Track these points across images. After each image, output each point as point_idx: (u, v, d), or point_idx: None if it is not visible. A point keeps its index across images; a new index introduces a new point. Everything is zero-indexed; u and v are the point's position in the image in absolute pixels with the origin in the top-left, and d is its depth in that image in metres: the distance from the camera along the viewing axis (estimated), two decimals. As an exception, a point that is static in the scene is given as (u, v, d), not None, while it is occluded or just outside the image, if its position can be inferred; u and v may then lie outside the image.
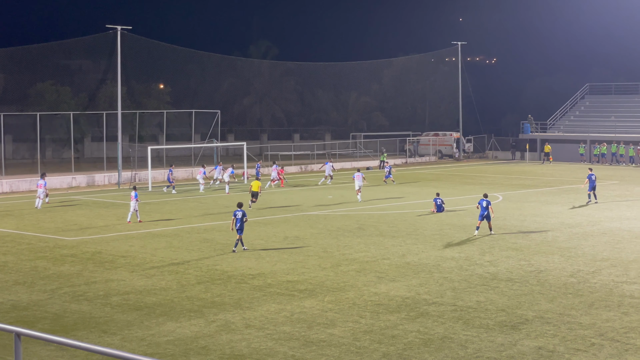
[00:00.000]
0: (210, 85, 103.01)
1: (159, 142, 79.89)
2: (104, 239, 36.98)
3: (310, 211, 45.79)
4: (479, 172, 75.26)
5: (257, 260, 31.23)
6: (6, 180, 60.95)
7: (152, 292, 26.28)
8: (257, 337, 20.97)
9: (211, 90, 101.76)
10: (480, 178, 67.91)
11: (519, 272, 28.63)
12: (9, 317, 23.20)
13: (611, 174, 69.76)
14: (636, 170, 75.15)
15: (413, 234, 37.19)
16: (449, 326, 21.81)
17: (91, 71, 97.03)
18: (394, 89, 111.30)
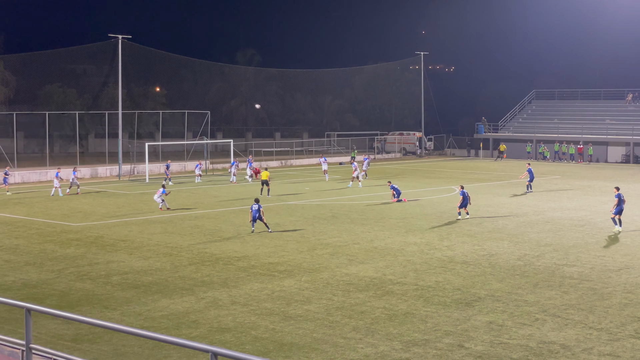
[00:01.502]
0: (201, 88, 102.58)
1: (156, 139, 79.49)
2: (106, 224, 36.78)
3: (288, 201, 45.74)
4: (439, 167, 75.45)
5: (242, 244, 31.17)
6: (18, 172, 60.46)
7: (149, 272, 26.17)
8: (241, 313, 20.94)
9: (202, 93, 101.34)
10: (439, 173, 68.08)
11: (473, 256, 28.75)
12: (20, 294, 23.04)
13: (554, 170, 70.15)
14: (576, 167, 75.59)
15: (380, 222, 37.24)
16: (411, 303, 21.87)
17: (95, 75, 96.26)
18: (364, 93, 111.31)
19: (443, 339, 18.55)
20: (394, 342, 18.27)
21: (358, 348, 17.88)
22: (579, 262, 27.78)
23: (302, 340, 18.49)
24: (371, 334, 18.91)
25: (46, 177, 61.11)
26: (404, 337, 18.69)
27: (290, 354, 17.48)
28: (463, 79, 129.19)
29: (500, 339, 18.53)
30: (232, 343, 18.23)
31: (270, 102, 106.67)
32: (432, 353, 17.50)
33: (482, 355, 17.33)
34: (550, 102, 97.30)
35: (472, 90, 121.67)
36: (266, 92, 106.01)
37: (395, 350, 17.74)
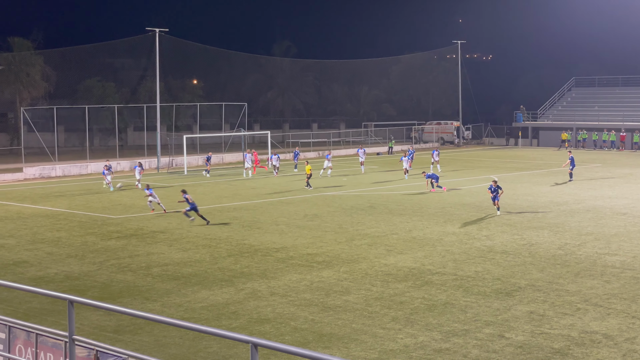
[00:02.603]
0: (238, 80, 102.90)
1: (193, 131, 79.94)
2: (145, 217, 37.09)
3: (326, 192, 45.74)
4: (477, 156, 74.94)
5: (281, 236, 31.25)
6: (59, 166, 61.21)
7: (188, 263, 26.34)
8: (280, 303, 21.00)
9: (239, 85, 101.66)
10: (477, 162, 67.63)
11: (512, 246, 28.53)
12: (63, 286, 23.33)
13: (595, 158, 69.31)
14: (618, 155, 74.62)
15: (418, 212, 37.10)
16: (451, 293, 21.78)
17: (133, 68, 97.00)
18: (400, 83, 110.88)
19: (483, 329, 18.44)
20: (433, 333, 18.21)
21: (397, 338, 17.85)
22: (621, 251, 27.43)
23: (341, 331, 18.50)
24: (410, 325, 18.86)
25: (86, 170, 61.80)
26: (443, 327, 18.62)
27: (330, 345, 17.50)
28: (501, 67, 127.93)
29: (541, 329, 18.37)
30: (271, 334, 18.30)
31: (306, 93, 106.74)
32: (472, 343, 17.41)
33: (523, 346, 17.20)
34: (591, 90, 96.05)
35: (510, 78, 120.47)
36: (303, 83, 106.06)
37: (435, 340, 17.67)
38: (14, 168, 59.93)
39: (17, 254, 28.59)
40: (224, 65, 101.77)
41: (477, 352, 16.82)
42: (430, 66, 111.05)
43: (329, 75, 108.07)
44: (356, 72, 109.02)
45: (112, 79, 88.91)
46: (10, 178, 57.14)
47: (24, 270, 25.87)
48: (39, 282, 23.61)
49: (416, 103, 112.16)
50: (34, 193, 47.71)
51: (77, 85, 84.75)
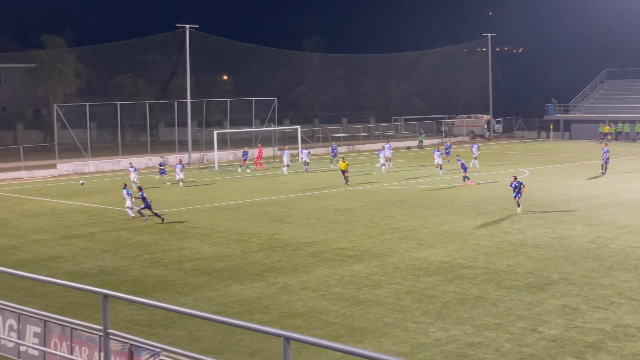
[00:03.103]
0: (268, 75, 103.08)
1: (224, 127, 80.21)
2: (177, 212, 37.30)
3: (357, 186, 45.70)
4: (508, 150, 74.44)
5: (312, 230, 31.29)
6: (92, 162, 61.75)
7: (220, 258, 26.47)
8: (312, 298, 21.03)
9: (269, 80, 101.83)
10: (509, 155, 67.18)
11: (544, 239, 28.32)
12: (97, 280, 23.55)
13: (628, 150, 68.57)
14: (650, 147, 73.74)
15: (449, 206, 36.95)
16: (482, 287, 21.67)
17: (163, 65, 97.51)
18: (430, 76, 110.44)
19: (516, 323, 18.34)
20: (465, 327, 18.14)
21: (429, 332, 17.80)
22: (655, 244, 27.12)
23: (372, 325, 18.49)
24: (442, 319, 18.81)
25: (119, 166, 62.25)
26: (475, 321, 18.54)
27: (361, 339, 17.50)
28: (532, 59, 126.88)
29: (574, 323, 18.23)
30: (303, 328, 18.34)
31: (336, 87, 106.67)
32: (504, 337, 17.32)
33: (556, 339, 17.08)
34: (623, 82, 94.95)
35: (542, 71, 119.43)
36: (332, 78, 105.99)
37: (467, 334, 17.61)
38: (48, 164, 60.55)
39: (51, 249, 28.91)
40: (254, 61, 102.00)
41: (509, 346, 16.74)
42: (461, 59, 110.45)
43: (358, 70, 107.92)
44: (386, 66, 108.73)
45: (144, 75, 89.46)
46: (45, 174, 57.75)
47: (59, 265, 26.15)
48: (74, 277, 23.85)
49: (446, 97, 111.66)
50: (68, 189, 48.18)
51: (109, 82, 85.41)
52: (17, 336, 15.53)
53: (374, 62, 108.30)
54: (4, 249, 29.07)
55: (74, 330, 14.80)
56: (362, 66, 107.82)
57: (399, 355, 16.12)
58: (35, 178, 55.86)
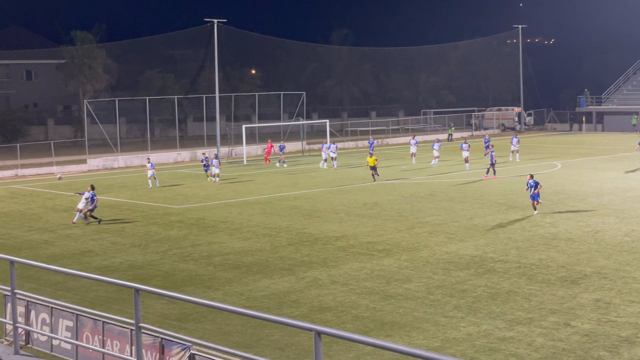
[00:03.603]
0: (296, 69, 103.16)
1: (252, 121, 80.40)
2: (206, 206, 37.47)
3: (386, 180, 45.61)
4: (539, 142, 73.88)
5: (341, 224, 31.28)
6: (121, 157, 62.20)
7: (249, 252, 26.55)
8: (341, 292, 21.04)
9: (297, 74, 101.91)
10: (540, 148, 66.68)
11: (577, 232, 28.09)
12: (127, 274, 23.73)
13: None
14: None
15: (480, 199, 36.77)
16: (514, 281, 21.55)
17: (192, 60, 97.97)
18: (460, 69, 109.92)
19: (548, 317, 18.22)
20: (497, 321, 18.05)
21: (460, 327, 17.74)
22: (690, 237, 26.80)
23: (403, 319, 18.46)
24: (473, 313, 18.73)
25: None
26: (507, 315, 18.44)
27: (392, 333, 17.48)
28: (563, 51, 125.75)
29: (607, 317, 18.08)
30: (333, 322, 18.35)
31: (365, 81, 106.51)
32: (537, 332, 17.21)
33: (589, 334, 16.95)
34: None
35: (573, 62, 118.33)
36: (361, 71, 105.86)
37: (498, 329, 17.52)
38: (79, 159, 61.09)
39: (82, 243, 29.17)
40: (282, 55, 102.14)
41: (542, 341, 16.63)
42: (490, 52, 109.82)
43: (387, 63, 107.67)
44: (414, 59, 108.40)
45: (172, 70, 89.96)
46: (75, 169, 58.28)
47: (90, 259, 26.38)
48: (104, 271, 24.06)
49: (476, 89, 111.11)
50: (98, 184, 48.44)
51: (137, 77, 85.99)
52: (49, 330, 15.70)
53: (403, 55, 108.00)
54: (36, 244, 29.40)
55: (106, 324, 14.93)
56: (391, 59, 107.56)
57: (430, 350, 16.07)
58: (66, 173, 56.37)
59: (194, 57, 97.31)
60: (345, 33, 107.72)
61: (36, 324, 16.20)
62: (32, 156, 60.09)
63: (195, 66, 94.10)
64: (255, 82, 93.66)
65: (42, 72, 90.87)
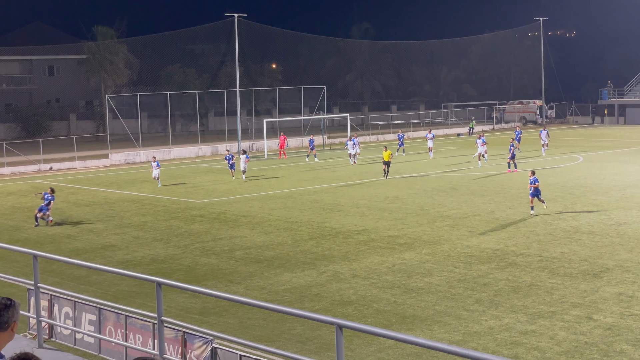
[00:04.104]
0: (317, 63, 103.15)
1: (273, 115, 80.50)
2: (227, 201, 37.57)
3: (407, 174, 45.53)
4: (561, 135, 73.42)
5: (362, 218, 31.27)
6: (143, 152, 62.45)
7: (270, 246, 26.60)
8: (363, 286, 21.04)
9: (317, 68, 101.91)
10: (562, 141, 66.26)
11: (599, 226, 27.92)
12: (150, 269, 23.84)
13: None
14: None
15: (501, 193, 36.63)
16: (536, 275, 21.46)
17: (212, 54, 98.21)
18: (481, 62, 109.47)
19: (570, 310, 18.13)
20: (518, 315, 17.98)
21: (482, 320, 17.69)
22: None
23: (424, 313, 18.44)
24: (495, 306, 18.67)
25: (169, 155, 62.91)
26: (529, 309, 18.37)
27: (413, 327, 17.46)
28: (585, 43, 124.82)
29: (630, 311, 17.96)
30: (354, 316, 18.35)
31: (385, 75, 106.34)
32: (559, 325, 17.13)
33: (612, 327, 16.85)
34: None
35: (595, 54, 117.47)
36: (381, 65, 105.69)
37: (520, 322, 17.46)
38: (101, 154, 61.42)
39: (105, 237, 29.35)
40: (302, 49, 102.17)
41: (564, 334, 16.56)
42: (512, 45, 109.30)
43: (407, 57, 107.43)
44: (435, 52, 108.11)
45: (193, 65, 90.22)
46: (97, 164, 58.62)
47: (112, 253, 26.54)
48: (127, 265, 24.19)
49: (497, 82, 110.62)
50: (120, 179, 48.83)
51: (159, 72, 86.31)
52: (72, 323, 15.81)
53: (424, 48, 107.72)
54: (59, 238, 29.61)
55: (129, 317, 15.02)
56: (412, 53, 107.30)
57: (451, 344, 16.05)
58: (88, 168, 56.73)
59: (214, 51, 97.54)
60: (366, 27, 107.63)
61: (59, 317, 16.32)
62: (55, 151, 60.47)
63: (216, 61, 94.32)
64: (276, 77, 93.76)
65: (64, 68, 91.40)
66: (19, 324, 6.29)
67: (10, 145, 58.30)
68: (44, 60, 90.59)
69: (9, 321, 6.12)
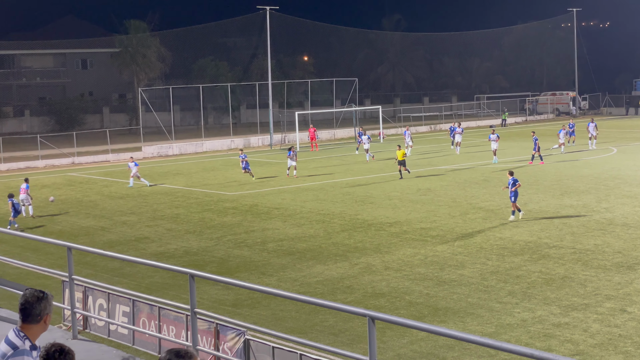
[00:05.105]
0: (349, 55, 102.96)
1: (305, 108, 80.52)
2: (260, 193, 37.66)
3: (439, 166, 45.33)
4: (595, 127, 72.56)
5: (394, 210, 31.18)
6: (176, 144, 62.81)
7: (303, 239, 26.62)
8: (395, 278, 20.99)
9: (349, 60, 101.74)
10: (595, 132, 65.46)
11: (634, 218, 27.58)
12: (183, 261, 23.97)
13: None
14: None
15: (534, 184, 36.33)
16: (569, 267, 21.27)
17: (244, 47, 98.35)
18: (513, 54, 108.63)
19: (604, 303, 17.94)
20: (552, 307, 17.84)
21: (515, 313, 17.57)
22: None
23: (456, 305, 18.35)
24: (528, 299, 18.53)
25: (202, 148, 63.20)
26: (562, 301, 18.21)
27: (446, 319, 17.39)
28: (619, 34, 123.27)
29: (666, 304, 17.74)
30: (386, 308, 18.32)
31: (417, 66, 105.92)
32: (592, 318, 16.97)
33: (647, 321, 16.65)
34: None
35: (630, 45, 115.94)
36: (413, 57, 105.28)
37: (553, 314, 17.31)
38: (134, 147, 61.85)
39: (138, 230, 29.56)
40: (334, 41, 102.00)
41: (597, 327, 16.40)
42: (545, 35, 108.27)
43: (439, 48, 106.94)
44: (468, 44, 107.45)
45: (225, 58, 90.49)
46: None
47: (146, 245, 26.72)
48: (160, 258, 24.34)
49: (530, 74, 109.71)
50: (153, 171, 49.13)
51: (191, 65, 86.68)
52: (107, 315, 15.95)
53: (456, 40, 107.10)
54: (93, 230, 29.88)
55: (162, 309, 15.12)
56: (444, 44, 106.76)
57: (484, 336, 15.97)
58: (121, 161, 57.14)
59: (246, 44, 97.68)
60: (397, 18, 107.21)
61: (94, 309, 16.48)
62: (88, 144, 61.02)
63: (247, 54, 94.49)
64: (308, 69, 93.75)
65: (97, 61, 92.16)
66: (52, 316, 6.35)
67: (44, 139, 58.90)
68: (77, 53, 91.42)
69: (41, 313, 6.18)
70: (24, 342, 6.08)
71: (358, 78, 77.97)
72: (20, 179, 45.79)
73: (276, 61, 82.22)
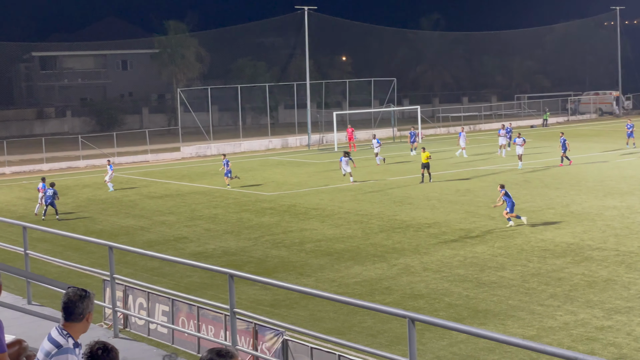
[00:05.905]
0: (387, 55, 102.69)
1: (343, 108, 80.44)
2: (298, 193, 37.72)
3: (479, 166, 45.04)
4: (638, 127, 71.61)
5: (432, 211, 31.06)
6: (214, 144, 63.16)
7: (341, 239, 26.62)
8: (434, 279, 20.91)
9: (387, 60, 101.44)
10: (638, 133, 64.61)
11: (679, 220, 27.19)
12: (221, 261, 24.10)
13: None
14: None
15: (576, 186, 35.95)
16: (612, 269, 21.01)
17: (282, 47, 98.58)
18: (555, 53, 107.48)
19: (648, 307, 17.71)
20: (594, 310, 17.64)
21: (557, 315, 17.41)
22: None
23: (497, 307, 18.23)
24: (570, 301, 18.35)
25: (240, 148, 63.48)
26: (605, 304, 18.00)
27: (486, 321, 17.28)
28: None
29: None
30: (425, 309, 18.25)
31: (456, 66, 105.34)
32: (636, 321, 16.76)
33: (693, 325, 16.40)
34: None
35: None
36: (452, 57, 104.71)
37: (596, 317, 17.13)
38: (172, 147, 62.34)
39: (177, 230, 29.78)
40: (372, 41, 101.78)
41: (642, 331, 16.18)
42: (587, 34, 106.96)
43: (479, 48, 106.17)
44: (508, 43, 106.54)
45: (263, 58, 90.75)
46: (169, 157, 59.51)
47: (184, 245, 26.92)
48: (199, 257, 24.50)
49: (572, 73, 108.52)
50: (192, 172, 49.48)
51: (229, 65, 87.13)
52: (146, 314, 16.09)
53: (496, 39, 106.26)
54: (132, 230, 30.17)
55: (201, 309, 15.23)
56: (483, 44, 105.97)
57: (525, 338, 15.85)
58: (160, 161, 57.65)
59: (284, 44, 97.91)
60: (436, 18, 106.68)
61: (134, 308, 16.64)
62: (128, 144, 61.60)
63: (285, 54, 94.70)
64: (346, 69, 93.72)
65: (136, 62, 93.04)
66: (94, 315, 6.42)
67: (85, 139, 59.59)
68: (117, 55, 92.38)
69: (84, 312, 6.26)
70: (67, 340, 6.16)
71: (396, 78, 77.72)
72: (62, 178, 46.40)
73: (314, 61, 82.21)
